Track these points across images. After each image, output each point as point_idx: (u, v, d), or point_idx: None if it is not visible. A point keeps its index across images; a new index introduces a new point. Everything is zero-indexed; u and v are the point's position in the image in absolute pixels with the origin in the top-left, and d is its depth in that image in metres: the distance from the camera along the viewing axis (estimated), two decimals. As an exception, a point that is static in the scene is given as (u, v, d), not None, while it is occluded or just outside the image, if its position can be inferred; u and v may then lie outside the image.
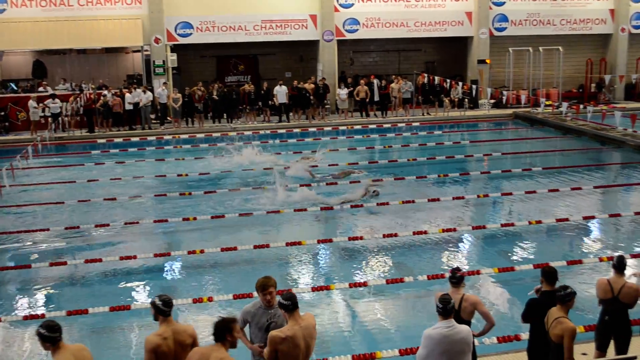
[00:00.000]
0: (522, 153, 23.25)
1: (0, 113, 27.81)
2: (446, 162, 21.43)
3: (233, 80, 32.82)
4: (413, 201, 16.46)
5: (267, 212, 15.70)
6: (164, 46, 29.57)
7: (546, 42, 33.19)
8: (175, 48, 30.06)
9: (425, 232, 14.12)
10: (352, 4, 31.41)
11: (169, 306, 6.35)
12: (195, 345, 6.41)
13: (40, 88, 29.23)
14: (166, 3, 29.35)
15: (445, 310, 6.40)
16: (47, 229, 15.10)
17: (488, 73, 32.95)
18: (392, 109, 29.87)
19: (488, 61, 32.71)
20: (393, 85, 29.57)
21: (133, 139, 26.38)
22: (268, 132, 27.40)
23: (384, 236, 13.81)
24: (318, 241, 14.12)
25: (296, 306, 6.43)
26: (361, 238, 13.97)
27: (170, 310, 6.36)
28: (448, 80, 30.15)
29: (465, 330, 6.50)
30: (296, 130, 28.05)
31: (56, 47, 30.61)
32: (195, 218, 15.33)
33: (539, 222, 14.61)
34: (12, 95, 28.90)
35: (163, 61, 29.53)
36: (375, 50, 34.68)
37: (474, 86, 30.66)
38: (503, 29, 33.15)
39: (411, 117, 29.41)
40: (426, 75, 30.92)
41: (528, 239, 14.15)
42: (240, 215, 15.63)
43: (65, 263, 12.77)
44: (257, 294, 6.87)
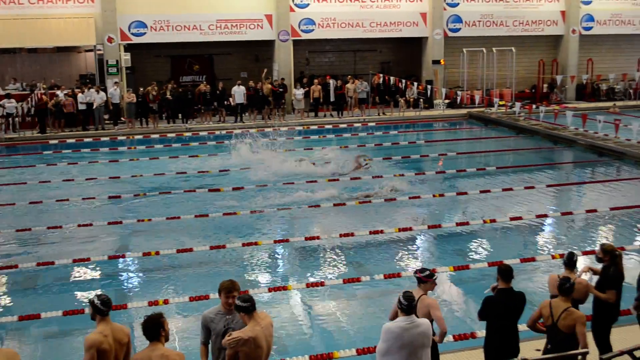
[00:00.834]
0: (477, 152, 23.57)
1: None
2: (402, 162, 21.59)
3: (188, 80, 32.44)
4: (370, 201, 16.56)
5: (224, 214, 15.61)
6: (118, 45, 29.10)
7: (499, 43, 33.64)
8: (129, 47, 29.59)
9: (381, 232, 14.18)
10: (308, 4, 31.38)
11: (108, 306, 6.32)
12: (129, 344, 6.45)
13: (-11, 88, 28.54)
14: (119, 2, 28.85)
15: (409, 307, 6.44)
16: (-3, 232, 14.75)
17: (443, 73, 33.27)
18: (348, 109, 29.98)
19: (442, 62, 33.01)
20: (348, 85, 29.66)
21: (86, 140, 25.91)
22: (224, 133, 27.20)
23: (340, 235, 13.86)
24: (275, 241, 14.12)
25: (255, 307, 6.42)
26: (318, 238, 14.00)
27: (108, 310, 6.33)
28: (403, 80, 30.36)
29: (425, 324, 6.55)
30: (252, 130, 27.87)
31: (6, 46, 29.80)
32: (150, 219, 15.15)
33: (494, 221, 14.85)
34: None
35: (116, 61, 29.04)
36: (331, 50, 34.70)
37: (429, 86, 30.95)
38: (457, 30, 33.48)
39: (367, 117, 29.53)
40: (382, 75, 31.13)
41: (483, 238, 14.36)
42: (196, 216, 15.50)
43: (16, 266, 12.48)
44: (219, 297, 6.76)
